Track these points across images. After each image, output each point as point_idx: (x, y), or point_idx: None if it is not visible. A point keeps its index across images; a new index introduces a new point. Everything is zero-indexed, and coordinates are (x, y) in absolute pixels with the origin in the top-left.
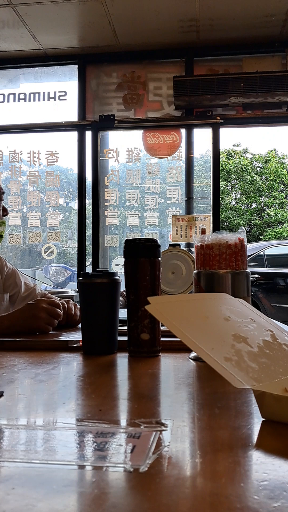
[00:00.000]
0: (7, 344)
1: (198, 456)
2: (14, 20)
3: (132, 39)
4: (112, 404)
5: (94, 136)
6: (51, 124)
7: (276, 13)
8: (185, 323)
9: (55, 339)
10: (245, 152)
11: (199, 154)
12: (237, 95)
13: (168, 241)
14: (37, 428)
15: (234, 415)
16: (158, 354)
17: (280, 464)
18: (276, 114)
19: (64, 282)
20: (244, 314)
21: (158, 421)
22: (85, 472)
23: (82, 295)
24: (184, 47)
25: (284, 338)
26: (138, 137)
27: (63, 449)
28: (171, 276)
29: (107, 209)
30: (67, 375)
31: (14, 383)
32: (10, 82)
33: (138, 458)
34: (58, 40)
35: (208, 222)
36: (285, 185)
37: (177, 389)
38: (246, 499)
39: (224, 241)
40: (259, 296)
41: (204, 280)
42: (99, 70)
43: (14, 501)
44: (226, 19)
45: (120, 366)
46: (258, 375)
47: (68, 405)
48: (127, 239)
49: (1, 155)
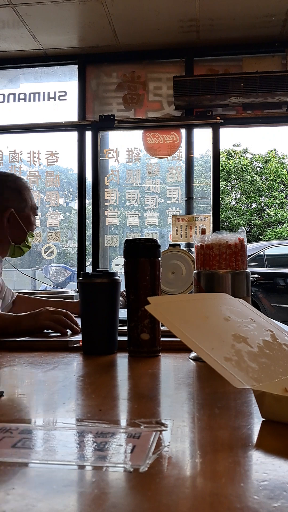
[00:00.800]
0: (7, 344)
1: (198, 456)
2: (14, 20)
3: (132, 39)
4: (112, 404)
5: (94, 136)
6: (51, 124)
7: (276, 13)
8: (185, 323)
9: (55, 339)
10: (245, 152)
11: (199, 154)
12: (237, 95)
13: (168, 241)
14: (37, 428)
15: (234, 415)
16: (158, 354)
17: (280, 464)
18: (276, 114)
19: (64, 282)
20: (244, 314)
21: (158, 421)
22: (85, 472)
23: (82, 295)
24: (184, 47)
25: (284, 338)
26: (138, 137)
27: (63, 449)
28: (171, 276)
29: (107, 209)
30: (67, 375)
31: (14, 383)
32: (10, 82)
33: (138, 458)
34: (58, 40)
35: (208, 222)
36: (285, 185)
37: (177, 389)
38: (246, 499)
39: (224, 241)
40: (259, 296)
41: (204, 280)
42: (99, 70)
43: (14, 501)
44: (226, 19)
45: (120, 366)
46: (258, 375)
47: (68, 405)
48: (127, 239)
49: (1, 155)
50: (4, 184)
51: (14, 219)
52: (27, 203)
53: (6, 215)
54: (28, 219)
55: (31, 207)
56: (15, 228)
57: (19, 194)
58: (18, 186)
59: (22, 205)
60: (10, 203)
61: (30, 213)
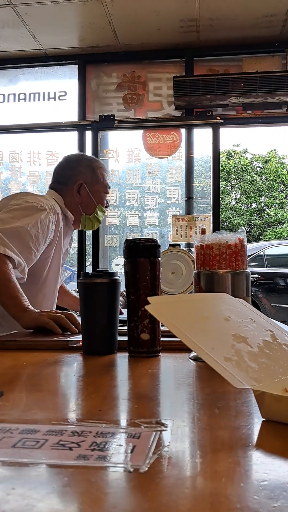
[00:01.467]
0: (7, 344)
1: (198, 456)
2: (14, 20)
3: (132, 39)
4: (112, 404)
5: (94, 136)
6: (51, 124)
7: (276, 13)
8: (185, 323)
9: (55, 339)
10: (245, 152)
11: (199, 154)
12: (237, 95)
13: (168, 241)
14: (37, 428)
15: (234, 415)
16: (158, 354)
17: (280, 464)
18: (276, 114)
19: (64, 282)
20: (244, 314)
21: (158, 421)
22: (85, 472)
23: (82, 295)
24: (184, 47)
25: (284, 338)
26: (138, 137)
27: (63, 449)
28: (171, 276)
29: (107, 209)
30: (67, 375)
31: (14, 383)
32: (10, 82)
33: (138, 458)
34: (58, 40)
35: (208, 222)
36: (285, 185)
37: (177, 389)
38: (246, 499)
39: (224, 241)
40: (259, 296)
41: (204, 280)
42: (99, 70)
43: (14, 501)
44: (226, 19)
45: (120, 366)
46: (258, 375)
47: (68, 405)
48: (127, 239)
49: (1, 155)
50: (80, 161)
51: (84, 191)
52: (98, 180)
53: (77, 187)
54: (98, 193)
55: (102, 184)
56: (86, 200)
57: (92, 170)
58: (92, 163)
59: (94, 180)
60: (81, 177)
61: (100, 189)
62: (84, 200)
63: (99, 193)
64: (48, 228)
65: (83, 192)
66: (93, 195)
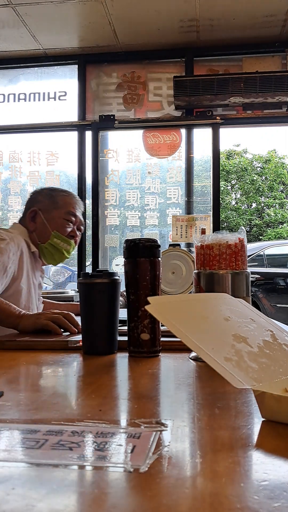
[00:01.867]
0: (7, 344)
1: (198, 456)
2: (14, 20)
3: (132, 39)
4: (112, 404)
5: (94, 136)
6: (51, 124)
7: (276, 13)
8: (185, 323)
9: (55, 339)
10: (245, 152)
11: (199, 154)
12: (237, 95)
13: (168, 241)
14: (37, 428)
15: (234, 415)
16: (158, 354)
17: (280, 464)
18: (276, 114)
19: (64, 282)
20: (244, 314)
21: (158, 421)
22: (85, 472)
23: (82, 295)
24: (184, 47)
25: (284, 338)
26: (138, 137)
27: (63, 449)
28: (171, 276)
29: (107, 209)
30: (67, 375)
31: (14, 383)
32: (10, 82)
33: (138, 458)
34: (58, 40)
35: (208, 222)
36: (285, 185)
37: (177, 389)
38: (246, 499)
39: (224, 241)
40: (259, 296)
41: (204, 280)
42: (99, 70)
43: (14, 501)
44: (226, 19)
45: (120, 366)
46: (258, 375)
47: (68, 405)
48: (127, 239)
49: (1, 155)
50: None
51: (39, 218)
52: (57, 205)
53: (30, 214)
54: (55, 220)
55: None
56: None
57: (50, 197)
58: (53, 192)
59: (51, 207)
60: (37, 205)
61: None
62: (39, 227)
63: (58, 220)
64: (9, 257)
65: (38, 219)
66: (48, 221)
